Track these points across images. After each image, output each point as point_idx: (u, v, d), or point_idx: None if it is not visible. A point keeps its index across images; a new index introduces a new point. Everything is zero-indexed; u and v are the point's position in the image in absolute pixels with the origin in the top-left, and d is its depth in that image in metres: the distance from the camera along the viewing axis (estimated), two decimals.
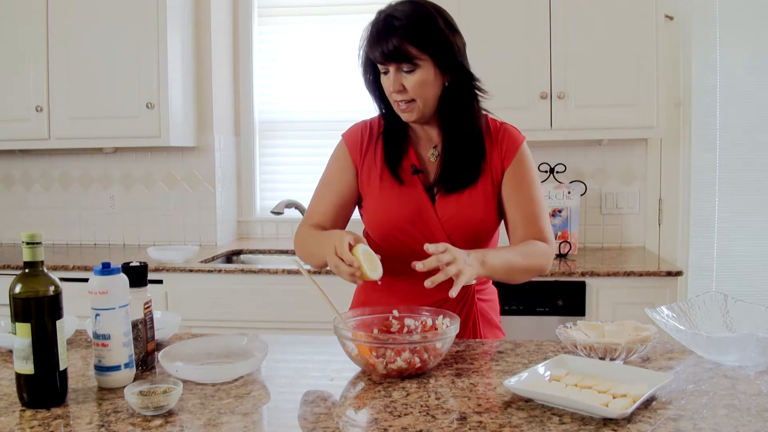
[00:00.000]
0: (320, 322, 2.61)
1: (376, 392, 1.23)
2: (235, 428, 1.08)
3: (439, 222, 1.57)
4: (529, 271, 1.56)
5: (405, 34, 1.45)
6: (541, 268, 1.58)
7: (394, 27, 1.45)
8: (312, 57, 3.56)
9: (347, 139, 1.66)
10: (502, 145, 1.60)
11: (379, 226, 1.61)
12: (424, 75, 1.48)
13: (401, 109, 1.53)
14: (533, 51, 2.90)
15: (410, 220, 1.57)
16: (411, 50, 1.45)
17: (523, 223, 1.59)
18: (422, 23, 1.46)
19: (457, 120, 1.56)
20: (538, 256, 1.56)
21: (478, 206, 1.57)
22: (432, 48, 1.47)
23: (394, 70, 1.48)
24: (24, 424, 1.10)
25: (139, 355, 1.35)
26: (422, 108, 1.52)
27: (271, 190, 3.64)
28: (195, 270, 2.85)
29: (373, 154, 1.62)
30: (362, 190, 1.64)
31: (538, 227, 1.59)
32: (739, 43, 3.16)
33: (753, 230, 3.22)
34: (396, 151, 1.60)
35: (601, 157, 3.27)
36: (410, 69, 1.48)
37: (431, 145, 1.62)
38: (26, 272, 1.17)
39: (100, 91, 3.11)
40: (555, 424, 1.06)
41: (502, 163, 1.60)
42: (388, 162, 1.60)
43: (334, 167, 1.67)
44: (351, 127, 1.68)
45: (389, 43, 1.45)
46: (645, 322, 1.46)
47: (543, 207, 1.62)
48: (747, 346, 1.29)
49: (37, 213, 3.59)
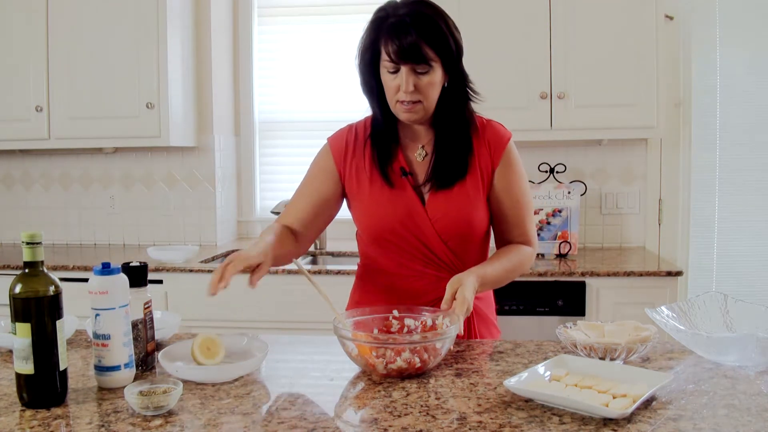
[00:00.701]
0: (320, 322, 2.61)
1: (376, 392, 1.23)
2: (235, 428, 1.08)
3: (429, 222, 1.58)
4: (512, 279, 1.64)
5: (422, 34, 1.45)
6: (523, 273, 1.66)
7: (409, 25, 1.45)
8: (312, 57, 3.56)
9: (332, 143, 1.67)
10: (490, 143, 1.61)
11: (371, 229, 1.62)
12: (435, 77, 1.50)
13: (405, 108, 1.52)
14: (533, 51, 2.90)
15: (401, 221, 1.58)
16: (428, 51, 1.46)
17: (511, 224, 1.65)
18: (437, 24, 1.47)
19: (451, 121, 1.58)
20: (524, 264, 1.64)
21: (467, 203, 1.59)
22: (445, 50, 1.48)
23: (407, 70, 1.47)
24: (24, 424, 1.10)
25: (139, 355, 1.35)
26: (426, 109, 1.53)
27: (271, 190, 3.64)
28: (195, 270, 2.85)
29: (361, 158, 1.62)
30: (349, 194, 1.65)
31: (524, 229, 1.66)
32: (739, 43, 3.16)
33: (753, 230, 3.22)
34: (385, 153, 1.61)
35: (601, 157, 3.27)
36: (424, 70, 1.48)
37: (418, 146, 1.63)
38: (26, 272, 1.17)
39: (100, 91, 3.11)
40: (555, 424, 1.07)
41: (491, 161, 1.61)
42: (377, 164, 1.60)
43: (315, 169, 1.69)
44: (336, 131, 1.69)
45: (406, 41, 1.44)
46: (645, 322, 1.46)
47: (530, 208, 1.67)
48: (747, 346, 1.29)
49: (37, 213, 3.59)
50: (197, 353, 1.33)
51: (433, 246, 1.59)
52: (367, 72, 1.56)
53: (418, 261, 1.61)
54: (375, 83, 1.56)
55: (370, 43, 1.52)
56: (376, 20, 1.51)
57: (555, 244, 3.00)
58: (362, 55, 1.56)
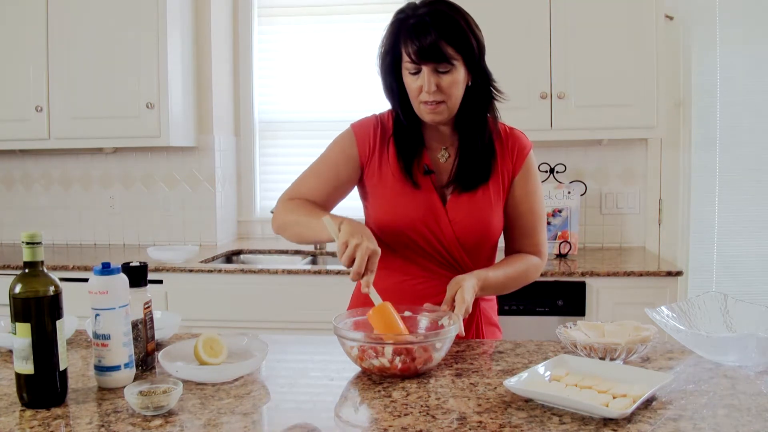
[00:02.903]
0: (320, 322, 2.61)
1: (376, 392, 1.23)
2: (235, 428, 1.08)
3: (449, 223, 1.58)
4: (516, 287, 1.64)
5: (442, 33, 1.44)
6: (528, 282, 1.66)
7: (429, 25, 1.44)
8: (312, 57, 3.56)
9: (357, 130, 1.64)
10: (512, 151, 1.62)
11: (390, 224, 1.60)
12: (457, 75, 1.48)
13: (429, 109, 1.51)
14: (533, 51, 2.90)
15: (422, 220, 1.58)
16: (448, 50, 1.45)
17: (523, 233, 1.65)
18: (457, 23, 1.46)
19: (475, 121, 1.57)
20: (529, 274, 1.65)
21: (488, 208, 1.59)
22: (466, 48, 1.47)
23: (429, 70, 1.46)
24: (24, 424, 1.10)
25: (139, 355, 1.35)
26: (450, 109, 1.52)
27: (271, 190, 3.64)
28: (195, 270, 2.85)
29: (386, 152, 1.61)
30: (369, 185, 1.63)
31: (536, 239, 1.66)
32: (739, 43, 3.16)
33: (753, 230, 3.22)
34: (409, 150, 1.60)
35: (601, 157, 3.27)
36: (446, 69, 1.47)
37: (442, 147, 1.62)
38: (26, 272, 1.17)
39: (100, 91, 3.11)
40: (555, 424, 1.06)
41: (513, 168, 1.62)
42: (402, 161, 1.59)
43: (338, 151, 1.65)
44: (362, 119, 1.66)
45: (426, 41, 1.44)
46: (645, 322, 1.46)
47: (543, 219, 1.68)
48: (747, 346, 1.29)
49: (37, 213, 3.59)
50: (201, 352, 1.33)
51: (450, 247, 1.59)
52: (389, 75, 1.55)
53: (433, 261, 1.61)
54: (397, 86, 1.55)
55: (391, 45, 1.51)
56: (396, 22, 1.50)
57: (555, 244, 3.00)
58: (383, 58, 1.55)
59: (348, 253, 1.35)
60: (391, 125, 1.63)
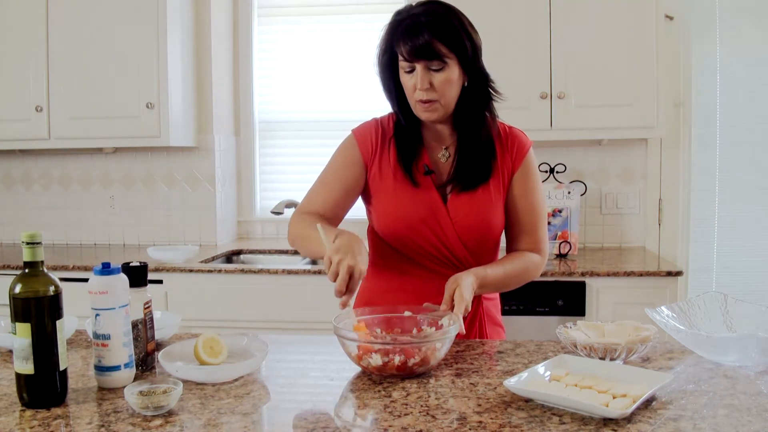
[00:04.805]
0: (320, 322, 2.62)
1: (376, 392, 1.23)
2: (235, 428, 1.08)
3: (450, 222, 1.59)
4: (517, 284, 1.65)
5: (435, 32, 1.46)
6: (529, 281, 1.66)
7: (423, 24, 1.46)
8: (312, 57, 3.56)
9: (359, 135, 1.66)
10: (512, 149, 1.63)
11: (392, 225, 1.61)
12: (450, 74, 1.50)
13: (423, 107, 1.53)
14: (533, 51, 2.90)
15: (423, 219, 1.59)
16: (441, 48, 1.47)
17: (524, 230, 1.66)
18: (450, 22, 1.48)
19: (472, 121, 1.58)
20: (529, 272, 1.65)
21: (489, 206, 1.60)
22: (459, 47, 1.49)
23: (422, 68, 1.48)
24: (24, 424, 1.10)
25: (139, 355, 1.35)
26: (445, 107, 1.54)
27: (271, 190, 3.64)
28: (195, 270, 2.85)
29: (387, 154, 1.63)
30: (372, 189, 1.64)
31: (536, 237, 1.67)
32: (739, 43, 3.16)
33: (753, 230, 3.22)
34: (409, 151, 1.61)
35: (601, 157, 3.27)
36: (439, 67, 1.48)
37: (442, 147, 1.63)
38: (26, 272, 1.17)
39: (100, 91, 3.11)
40: (555, 424, 1.06)
41: (512, 166, 1.63)
42: (402, 162, 1.61)
43: (342, 159, 1.67)
44: (362, 124, 1.68)
45: (419, 40, 1.46)
46: (645, 322, 1.46)
47: (544, 216, 1.68)
48: (747, 346, 1.29)
49: (37, 213, 3.59)
50: (201, 352, 1.33)
51: (452, 246, 1.60)
52: (387, 75, 1.58)
53: (436, 261, 1.61)
54: (394, 86, 1.58)
55: (387, 46, 1.54)
56: (393, 23, 1.53)
57: (555, 244, 3.00)
58: (380, 58, 1.57)
59: (332, 270, 1.35)
60: (391, 127, 1.65)
